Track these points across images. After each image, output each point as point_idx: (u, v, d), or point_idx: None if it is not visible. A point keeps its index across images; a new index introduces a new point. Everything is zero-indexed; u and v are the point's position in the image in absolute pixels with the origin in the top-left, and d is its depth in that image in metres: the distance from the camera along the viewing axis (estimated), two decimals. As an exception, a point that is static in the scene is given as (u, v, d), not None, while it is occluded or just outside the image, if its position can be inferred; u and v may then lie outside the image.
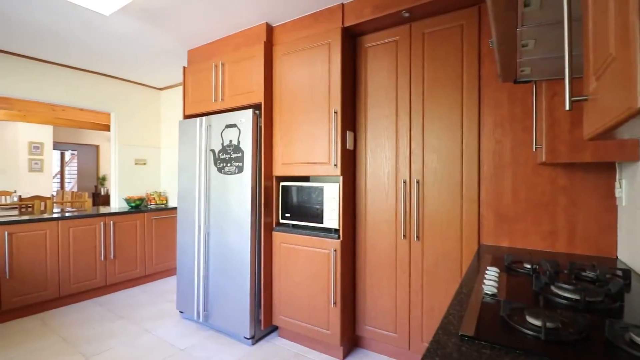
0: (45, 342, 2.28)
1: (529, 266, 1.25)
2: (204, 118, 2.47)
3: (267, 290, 2.31)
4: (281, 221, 2.34)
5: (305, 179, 2.58)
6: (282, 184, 2.33)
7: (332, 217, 2.08)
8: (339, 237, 2.04)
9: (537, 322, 0.73)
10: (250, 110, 2.22)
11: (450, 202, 1.85)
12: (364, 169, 2.16)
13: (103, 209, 3.54)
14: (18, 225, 2.65)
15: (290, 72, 2.27)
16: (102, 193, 8.51)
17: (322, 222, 2.12)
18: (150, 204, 3.85)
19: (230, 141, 2.32)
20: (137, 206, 3.60)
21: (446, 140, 1.87)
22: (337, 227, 2.06)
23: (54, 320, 2.63)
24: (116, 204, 3.84)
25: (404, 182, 1.99)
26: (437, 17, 1.89)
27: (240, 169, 2.26)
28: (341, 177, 2.06)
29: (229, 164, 2.32)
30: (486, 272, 1.19)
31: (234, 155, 2.30)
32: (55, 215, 2.95)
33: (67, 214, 3.04)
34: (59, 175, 8.87)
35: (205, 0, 2.09)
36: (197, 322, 2.58)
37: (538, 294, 0.99)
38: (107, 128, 6.59)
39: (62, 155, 8.96)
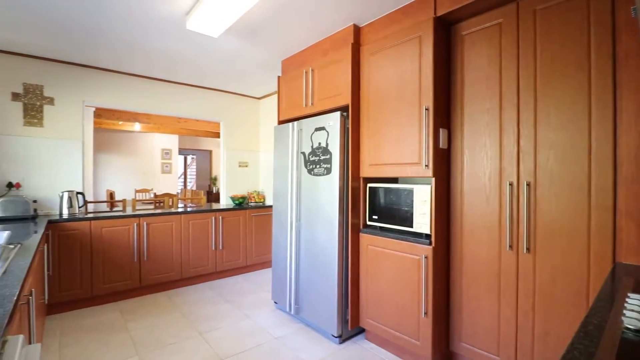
0: (170, 316, 2.74)
1: (697, 298, 0.94)
2: (295, 123, 2.62)
3: (354, 291, 2.31)
4: (368, 223, 2.31)
5: (394, 180, 2.49)
6: (369, 185, 2.30)
7: (422, 222, 1.95)
8: (430, 243, 1.90)
9: None
10: (338, 113, 2.26)
11: (572, 209, 1.54)
12: (459, 169, 1.97)
13: (214, 206, 4.08)
14: (154, 217, 3.25)
15: (378, 72, 2.22)
16: (214, 191, 9.84)
17: (411, 226, 2.02)
18: (251, 202, 4.28)
19: (319, 144, 2.39)
20: (240, 204, 4.04)
21: (566, 134, 1.56)
22: (428, 232, 1.93)
23: (177, 298, 3.15)
24: (224, 201, 4.39)
25: (510, 184, 1.74)
26: (554, -11, 1.60)
27: (328, 171, 2.32)
28: (433, 179, 1.92)
29: (318, 166, 2.40)
30: (627, 299, 0.95)
31: (322, 157, 2.37)
32: (179, 210, 3.52)
33: (188, 209, 3.61)
34: (182, 176, 10.62)
35: (299, 10, 2.21)
36: (288, 314, 2.75)
37: None
38: (217, 135, 7.61)
39: (185, 159, 10.71)
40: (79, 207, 3.18)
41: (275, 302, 2.89)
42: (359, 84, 2.35)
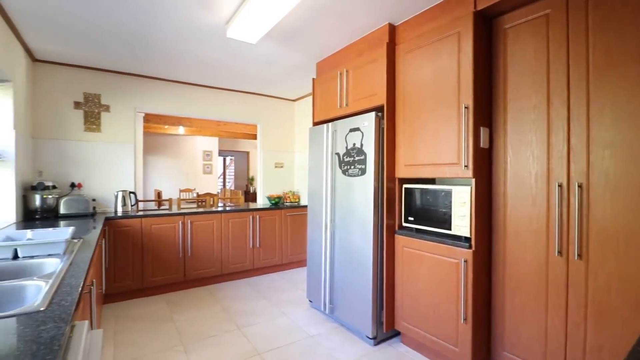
0: (211, 310, 2.89)
1: None
2: (330, 124, 2.64)
3: (389, 293, 2.29)
4: (404, 224, 2.27)
5: (431, 181, 2.42)
6: (404, 186, 2.26)
7: (461, 224, 1.89)
8: (470, 247, 1.83)
9: None
10: (373, 113, 2.25)
11: (630, 212, 1.40)
12: (502, 169, 1.87)
13: (252, 205, 4.23)
14: (197, 215, 3.45)
15: (414, 70, 2.18)
16: (251, 191, 10.17)
17: (449, 229, 1.96)
18: (286, 202, 4.37)
19: (354, 144, 2.40)
20: (276, 203, 4.15)
21: (625, 132, 1.43)
22: (467, 235, 1.86)
23: (218, 293, 3.31)
24: (261, 200, 4.54)
25: (559, 185, 1.63)
26: (610, -26, 1.47)
27: (363, 171, 2.31)
28: (473, 180, 1.84)
29: (352, 167, 2.41)
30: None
31: (357, 158, 2.37)
32: (219, 209, 3.70)
33: (227, 208, 3.78)
34: (222, 176, 11.10)
35: (334, 12, 2.23)
36: (323, 313, 2.78)
37: None
38: (254, 137, 7.86)
39: (224, 161, 11.18)
40: (132, 206, 3.45)
41: (310, 301, 2.93)
42: (395, 83, 2.32)
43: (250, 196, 9.81)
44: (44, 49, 2.88)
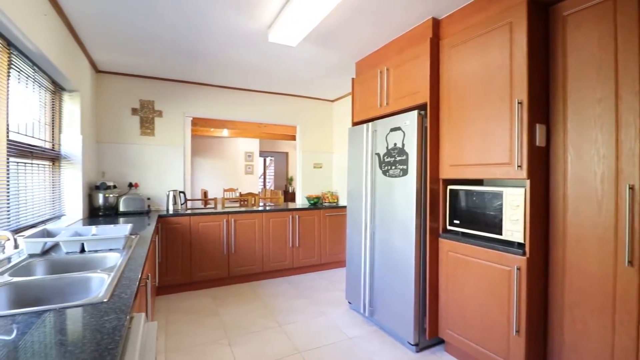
0: (253, 305, 2.98)
1: None
2: (370, 124, 2.60)
3: (432, 299, 2.20)
4: (449, 227, 2.17)
5: (478, 182, 2.29)
6: (449, 187, 2.16)
7: (514, 229, 1.76)
8: (524, 254, 1.70)
9: None
10: (415, 112, 2.17)
11: None
12: (561, 170, 1.71)
13: (291, 205, 4.30)
14: (239, 214, 3.58)
15: (460, 65, 2.07)
16: (290, 191, 10.36)
17: (500, 234, 1.83)
18: (325, 202, 4.39)
19: (395, 144, 2.34)
20: (315, 203, 4.18)
21: None
22: (521, 240, 1.73)
23: (259, 289, 3.41)
24: (299, 200, 4.60)
25: (630, 187, 1.45)
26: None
27: (404, 172, 2.25)
28: (528, 181, 1.71)
29: (393, 167, 2.35)
30: None
31: (398, 158, 2.30)
32: (260, 208, 3.81)
33: (268, 208, 3.88)
34: (262, 176, 11.44)
35: (373, 11, 2.19)
36: (362, 315, 2.74)
37: None
38: (293, 138, 8.00)
39: (264, 161, 11.51)
40: (181, 204, 3.68)
41: (349, 302, 2.91)
42: (438, 80, 2.22)
43: (289, 196, 9.99)
44: (106, 61, 3.16)
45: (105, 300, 0.97)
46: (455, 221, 2.11)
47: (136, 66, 3.32)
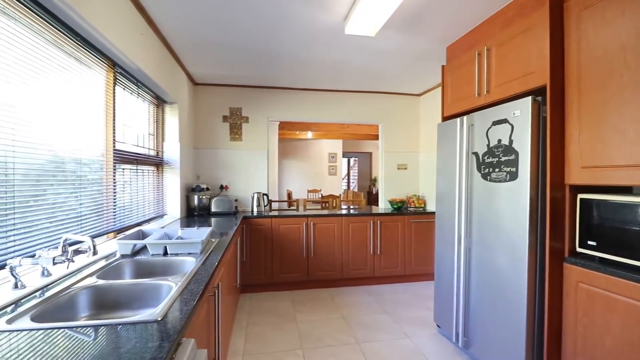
0: (331, 316, 2.83)
1: None
2: (464, 117, 2.18)
3: (553, 343, 1.69)
4: (579, 250, 1.63)
5: (625, 189, 1.68)
6: (580, 196, 1.62)
7: (698, 261, 1.18)
8: None
9: None
10: (529, 98, 1.70)
11: None
12: None
13: (373, 209, 4.04)
14: (319, 217, 3.49)
15: (599, 32, 1.52)
16: (374, 192, 10.03)
17: (670, 265, 1.26)
18: (410, 207, 3.99)
19: (499, 141, 1.89)
20: (399, 208, 3.83)
21: None
22: None
23: (338, 297, 3.26)
24: (382, 204, 4.29)
25: None
26: None
27: (512, 176, 1.79)
28: None
29: (496, 169, 1.90)
30: None
31: (503, 159, 1.85)
32: (339, 212, 3.66)
33: (347, 212, 3.70)
34: (346, 177, 11.38)
35: (467, -20, 1.80)
36: (455, 344, 2.33)
37: None
38: (376, 137, 7.67)
39: (348, 162, 11.42)
40: (264, 206, 3.78)
41: (438, 326, 2.52)
42: (562, 54, 1.69)
43: (373, 197, 9.68)
44: (200, 74, 3.43)
45: (159, 319, 0.91)
46: (590, 242, 1.57)
47: (225, 76, 3.52)
